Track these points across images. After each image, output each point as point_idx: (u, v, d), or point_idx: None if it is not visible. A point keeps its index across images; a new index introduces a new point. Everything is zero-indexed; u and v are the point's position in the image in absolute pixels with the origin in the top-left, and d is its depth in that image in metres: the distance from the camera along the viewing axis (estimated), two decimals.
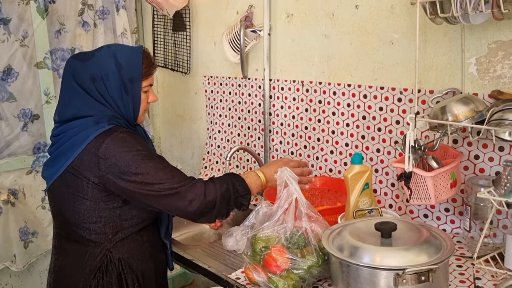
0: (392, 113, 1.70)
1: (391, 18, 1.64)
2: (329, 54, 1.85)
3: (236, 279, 1.40)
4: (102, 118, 1.38)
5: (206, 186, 1.36)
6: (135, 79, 1.42)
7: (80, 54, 1.49)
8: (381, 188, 1.76)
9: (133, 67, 1.41)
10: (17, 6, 2.24)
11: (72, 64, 1.43)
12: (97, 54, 1.42)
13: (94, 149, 1.32)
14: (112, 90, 1.40)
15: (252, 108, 2.19)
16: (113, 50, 1.42)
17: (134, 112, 1.45)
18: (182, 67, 2.47)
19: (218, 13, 2.25)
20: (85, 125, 1.37)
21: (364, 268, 1.10)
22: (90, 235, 1.39)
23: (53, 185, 1.42)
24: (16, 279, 2.44)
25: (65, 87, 1.44)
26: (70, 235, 1.43)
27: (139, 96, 1.44)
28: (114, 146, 1.32)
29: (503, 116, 1.25)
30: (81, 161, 1.34)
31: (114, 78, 1.39)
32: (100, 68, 1.39)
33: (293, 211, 1.34)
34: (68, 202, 1.39)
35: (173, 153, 2.75)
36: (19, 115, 2.33)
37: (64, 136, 1.39)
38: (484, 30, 1.43)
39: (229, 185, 1.38)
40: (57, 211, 1.46)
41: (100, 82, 1.39)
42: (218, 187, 1.37)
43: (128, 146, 1.33)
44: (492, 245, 1.40)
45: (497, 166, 1.46)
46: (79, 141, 1.35)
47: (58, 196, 1.43)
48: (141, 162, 1.32)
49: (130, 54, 1.43)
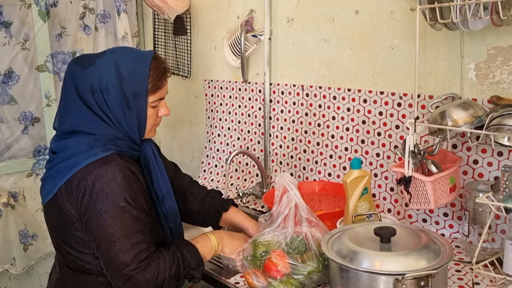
0: (391, 117, 1.70)
1: (391, 23, 1.65)
2: (329, 59, 1.86)
3: (235, 283, 1.40)
4: (98, 141, 1.20)
5: (159, 267, 1.18)
6: (139, 93, 1.22)
7: (82, 59, 1.29)
8: (380, 193, 1.77)
9: (136, 79, 1.21)
10: (18, 10, 2.24)
11: (72, 69, 1.26)
12: (98, 60, 1.23)
13: (79, 179, 1.17)
14: (112, 105, 1.21)
15: (252, 112, 2.20)
16: (115, 58, 1.23)
17: (139, 130, 1.26)
18: (182, 71, 2.48)
19: (219, 17, 2.26)
20: (78, 149, 1.20)
21: (364, 273, 1.10)
22: (90, 265, 1.24)
23: (46, 207, 1.29)
24: (15, 282, 2.44)
25: (65, 94, 1.27)
26: (69, 262, 1.28)
27: (144, 112, 1.24)
28: (103, 183, 1.15)
29: (502, 121, 1.26)
30: (65, 191, 1.19)
31: (115, 91, 1.20)
32: (99, 79, 1.21)
33: (293, 216, 1.34)
34: (60, 231, 1.26)
35: (173, 157, 2.75)
36: (20, 118, 2.34)
37: (58, 157, 1.25)
38: (483, 36, 1.43)
39: (179, 261, 1.22)
40: (54, 235, 1.31)
41: (99, 95, 1.21)
42: (168, 267, 1.19)
43: (115, 192, 1.16)
44: (490, 250, 1.40)
45: (496, 171, 1.47)
46: (67, 168, 1.19)
47: (51, 221, 1.29)
48: (116, 222, 1.15)
49: (134, 64, 1.22)
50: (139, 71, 1.22)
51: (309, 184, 1.88)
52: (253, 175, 2.22)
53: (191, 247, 1.28)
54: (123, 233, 1.16)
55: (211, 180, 2.38)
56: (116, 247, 1.15)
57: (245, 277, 1.35)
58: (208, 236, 1.36)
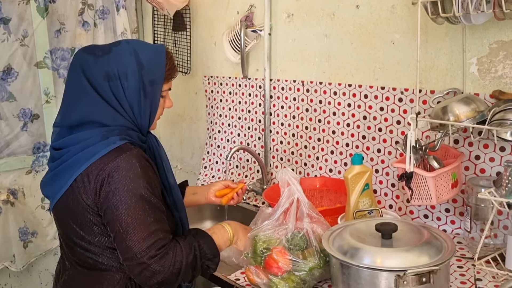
0: (393, 113, 1.69)
1: (392, 18, 1.64)
2: (330, 54, 1.85)
3: (236, 280, 1.39)
4: (113, 131, 1.21)
5: (176, 255, 1.19)
6: (157, 81, 1.26)
7: (93, 48, 1.28)
8: (381, 189, 1.76)
9: (155, 67, 1.26)
10: (17, 6, 2.23)
11: (82, 59, 1.24)
12: (115, 49, 1.25)
13: (98, 170, 1.17)
14: (130, 92, 1.23)
15: (253, 108, 2.18)
16: (133, 47, 1.25)
17: (150, 118, 1.29)
18: (182, 67, 2.47)
19: (219, 13, 2.25)
20: (93, 140, 1.20)
21: (365, 270, 1.09)
22: (108, 261, 1.23)
23: (57, 206, 1.26)
24: (15, 279, 2.44)
25: (72, 85, 1.25)
26: (84, 261, 1.26)
27: (157, 100, 1.29)
28: (120, 174, 1.16)
29: (504, 116, 1.25)
30: (81, 182, 1.18)
31: (134, 78, 1.23)
32: (118, 66, 1.22)
33: (294, 211, 1.33)
34: (74, 227, 1.23)
35: (173, 153, 2.74)
36: (19, 115, 2.33)
37: (68, 152, 1.23)
38: (485, 30, 1.42)
39: (196, 251, 1.23)
40: (66, 235, 1.29)
41: (117, 82, 1.22)
42: (185, 256, 1.20)
43: (134, 181, 1.16)
44: (493, 246, 1.39)
45: (498, 166, 1.46)
46: (85, 158, 1.19)
47: (63, 220, 1.27)
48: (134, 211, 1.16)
49: (152, 53, 1.27)
50: (157, 60, 1.27)
51: (310, 180, 1.87)
52: (253, 171, 2.21)
53: (208, 238, 1.29)
54: (141, 222, 1.17)
55: (212, 177, 2.38)
56: (134, 236, 1.16)
57: (246, 273, 1.34)
58: (224, 227, 1.37)
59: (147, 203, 1.18)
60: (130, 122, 1.27)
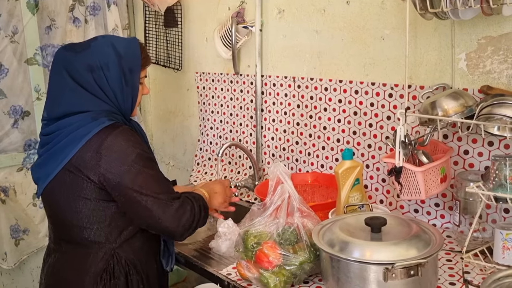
0: (383, 108, 1.70)
1: (382, 14, 1.65)
2: (321, 50, 1.85)
3: (227, 275, 1.40)
4: (100, 114, 1.32)
5: (192, 203, 1.36)
6: (135, 69, 1.38)
7: (72, 45, 1.40)
8: (372, 184, 1.77)
9: (132, 57, 1.38)
10: (6, 2, 2.21)
11: (63, 56, 1.35)
12: (93, 43, 1.36)
13: (96, 146, 1.27)
14: (112, 80, 1.34)
15: (244, 104, 2.19)
16: (110, 40, 1.38)
17: (132, 103, 1.40)
18: (174, 63, 2.46)
19: (210, 9, 2.24)
20: (84, 121, 1.30)
21: (354, 263, 1.11)
22: (95, 236, 1.33)
23: (49, 186, 1.34)
24: (7, 277, 2.43)
25: (55, 81, 1.36)
26: (72, 238, 1.36)
27: (137, 86, 1.40)
28: (117, 144, 1.27)
29: (492, 110, 1.26)
30: (80, 158, 1.28)
31: (115, 68, 1.34)
32: (99, 58, 1.33)
33: (285, 207, 1.34)
34: (68, 203, 1.32)
35: (165, 150, 2.74)
36: (10, 112, 2.31)
37: (59, 134, 1.32)
38: (473, 25, 1.43)
39: (200, 206, 1.39)
40: (56, 214, 1.39)
41: (100, 72, 1.33)
42: (196, 206, 1.37)
43: (131, 146, 1.29)
44: (481, 239, 1.41)
45: (486, 161, 1.47)
46: (78, 137, 1.28)
47: (56, 197, 1.35)
48: (142, 167, 1.28)
49: (128, 45, 1.39)
50: (133, 50, 1.39)
51: (301, 176, 1.88)
52: (246, 167, 2.22)
53: (204, 201, 1.44)
54: (151, 180, 1.29)
55: (205, 173, 2.38)
56: (149, 190, 1.28)
57: (237, 268, 1.35)
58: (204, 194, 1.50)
59: (147, 160, 1.31)
60: (114, 108, 1.37)
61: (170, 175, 2.68)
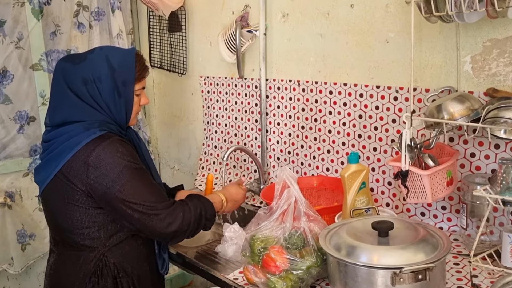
0: (388, 112, 1.70)
1: (386, 17, 1.65)
2: (325, 54, 1.85)
3: (234, 279, 1.40)
4: (93, 124, 1.36)
5: (184, 210, 1.39)
6: (128, 82, 1.41)
7: (71, 56, 1.47)
8: (378, 187, 1.77)
9: (126, 70, 1.40)
10: (11, 8, 2.23)
11: (62, 67, 1.41)
12: (90, 56, 1.41)
13: (84, 156, 1.32)
14: (105, 93, 1.38)
15: (249, 108, 2.19)
16: (105, 53, 1.41)
17: (126, 115, 1.44)
18: (178, 67, 2.47)
19: (214, 13, 2.25)
20: (76, 131, 1.35)
21: (362, 268, 1.10)
22: (84, 240, 1.39)
23: (45, 190, 1.42)
24: (14, 282, 2.43)
25: (56, 90, 1.42)
26: (65, 241, 1.43)
27: (131, 99, 1.43)
28: (104, 155, 1.31)
29: (498, 114, 1.26)
30: (70, 167, 1.33)
31: (107, 81, 1.38)
32: (92, 71, 1.37)
33: (292, 211, 1.34)
34: (60, 208, 1.39)
35: (170, 154, 2.74)
36: (15, 118, 2.33)
37: (55, 142, 1.38)
38: (478, 28, 1.43)
39: (202, 211, 1.43)
40: (51, 216, 1.46)
41: (93, 85, 1.37)
42: (193, 213, 1.40)
43: (119, 158, 1.32)
44: (489, 242, 1.40)
45: (493, 163, 1.47)
46: (69, 147, 1.34)
47: (51, 202, 1.43)
48: (130, 178, 1.32)
49: (123, 57, 1.42)
50: (127, 63, 1.41)
51: (307, 179, 1.88)
52: (251, 171, 2.22)
53: (209, 202, 1.48)
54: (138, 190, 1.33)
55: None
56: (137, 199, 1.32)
57: (244, 273, 1.35)
58: (220, 197, 1.56)
59: (135, 170, 1.34)
60: (109, 118, 1.41)
61: (175, 179, 2.70)
